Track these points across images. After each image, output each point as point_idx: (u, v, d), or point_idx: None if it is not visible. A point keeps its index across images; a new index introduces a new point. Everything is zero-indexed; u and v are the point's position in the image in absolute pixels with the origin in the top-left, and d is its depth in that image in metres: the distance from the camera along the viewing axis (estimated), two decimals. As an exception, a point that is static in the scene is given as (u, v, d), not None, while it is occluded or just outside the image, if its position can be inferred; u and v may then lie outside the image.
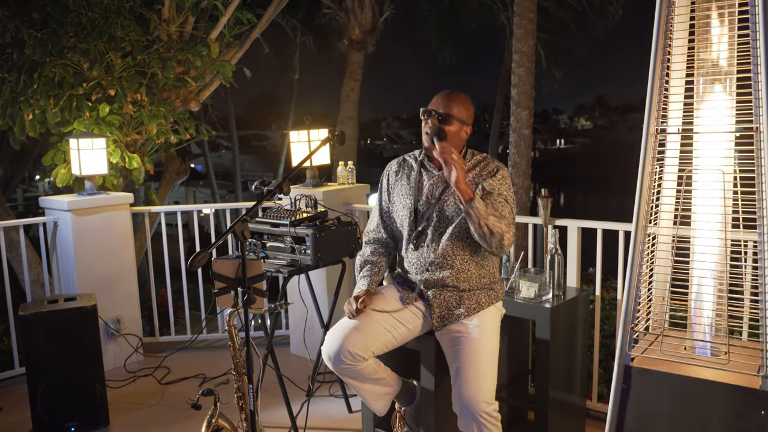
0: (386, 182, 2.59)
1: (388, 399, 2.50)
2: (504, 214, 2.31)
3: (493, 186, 2.36)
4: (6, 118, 4.56)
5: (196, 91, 5.26)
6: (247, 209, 3.05)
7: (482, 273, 2.43)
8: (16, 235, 5.19)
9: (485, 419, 2.17)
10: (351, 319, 2.37)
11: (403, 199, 2.50)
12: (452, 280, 2.40)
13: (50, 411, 3.12)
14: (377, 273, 2.51)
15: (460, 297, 2.39)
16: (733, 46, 2.06)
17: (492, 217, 2.25)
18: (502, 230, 2.27)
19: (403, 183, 2.52)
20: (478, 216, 2.23)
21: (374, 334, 2.34)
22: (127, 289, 4.15)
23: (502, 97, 13.68)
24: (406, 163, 2.56)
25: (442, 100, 2.39)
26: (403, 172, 2.54)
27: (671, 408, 2.12)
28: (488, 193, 2.35)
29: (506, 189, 2.38)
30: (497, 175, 2.39)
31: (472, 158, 2.45)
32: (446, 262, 2.39)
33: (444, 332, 2.38)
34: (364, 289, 2.44)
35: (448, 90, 2.42)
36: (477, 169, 2.42)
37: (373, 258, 2.55)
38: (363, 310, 2.36)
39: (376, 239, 2.61)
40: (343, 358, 2.29)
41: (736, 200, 2.05)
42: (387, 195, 2.58)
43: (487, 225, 2.24)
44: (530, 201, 7.79)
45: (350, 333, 2.32)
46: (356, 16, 9.41)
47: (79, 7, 4.52)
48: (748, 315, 2.16)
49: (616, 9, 12.72)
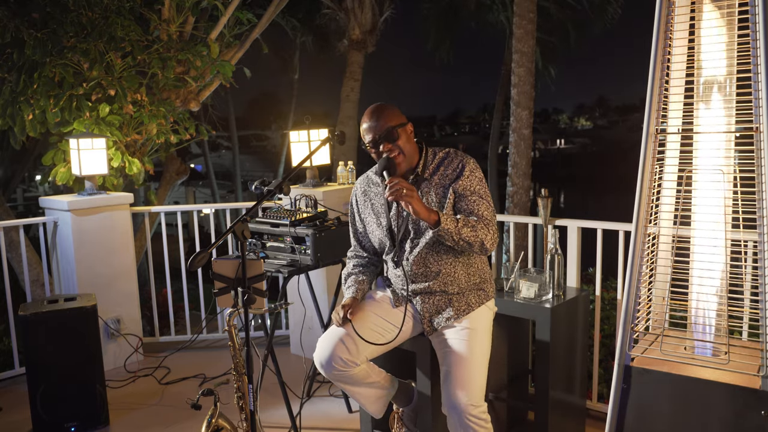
0: (355, 204, 2.54)
1: (384, 402, 2.50)
2: (481, 213, 2.26)
3: (464, 186, 2.29)
4: (6, 118, 4.56)
5: (196, 91, 5.26)
6: (247, 209, 3.05)
7: (470, 272, 2.39)
8: (16, 235, 5.19)
9: (473, 422, 2.18)
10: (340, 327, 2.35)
11: (375, 218, 2.46)
12: (439, 286, 2.36)
13: (50, 411, 3.12)
14: (363, 282, 2.49)
15: (449, 300, 2.36)
16: (733, 46, 2.06)
17: (465, 229, 2.19)
18: (480, 237, 2.21)
19: (372, 202, 2.47)
20: (450, 235, 2.18)
21: (365, 339, 2.32)
22: (127, 289, 4.15)
23: (502, 97, 13.68)
24: (371, 181, 2.49)
25: (375, 122, 2.28)
26: (370, 191, 2.48)
27: (671, 408, 2.12)
28: (460, 196, 2.29)
29: (477, 184, 2.31)
30: (464, 173, 2.30)
31: (434, 158, 2.37)
32: (429, 270, 2.35)
33: (435, 335, 2.38)
34: (351, 296, 2.43)
35: (368, 109, 2.33)
36: (441, 169, 2.35)
37: (355, 271, 2.53)
38: (349, 319, 2.32)
39: (357, 256, 2.59)
40: (334, 364, 2.29)
41: (736, 200, 2.05)
42: (358, 217, 2.54)
43: (462, 239, 2.20)
44: (530, 201, 7.78)
45: (341, 339, 2.30)
46: (356, 16, 9.41)
47: (79, 7, 4.52)
48: (748, 315, 2.16)
49: (616, 8, 12.71)
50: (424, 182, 2.34)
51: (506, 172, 7.79)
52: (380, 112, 2.30)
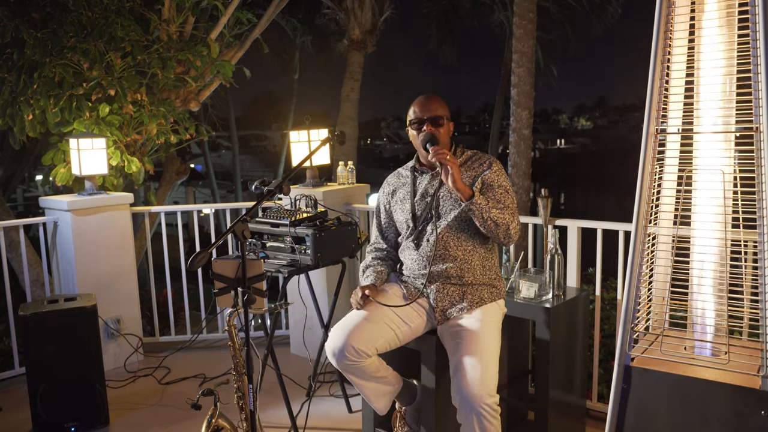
0: (383, 196, 2.66)
1: (390, 398, 2.51)
2: (507, 204, 2.37)
3: (492, 178, 2.42)
4: (6, 118, 4.56)
5: (196, 91, 5.26)
6: (247, 209, 3.05)
7: (486, 266, 2.47)
8: (16, 235, 5.19)
9: (485, 411, 2.15)
10: (357, 311, 2.40)
11: (401, 204, 2.56)
12: (456, 271, 2.42)
13: (50, 411, 3.12)
14: (381, 273, 2.57)
15: (463, 292, 2.42)
16: (733, 46, 2.06)
17: (495, 210, 2.31)
18: (507, 220, 2.32)
19: (400, 191, 2.59)
20: (481, 211, 2.29)
21: (378, 332, 2.35)
22: (127, 289, 4.15)
23: (502, 97, 13.69)
24: (401, 176, 2.63)
25: (426, 106, 2.46)
26: (400, 186, 2.60)
27: (671, 408, 2.12)
28: (488, 185, 2.41)
29: (504, 180, 2.45)
30: (493, 167, 2.45)
31: (462, 154, 2.52)
32: (448, 253, 2.42)
33: (446, 326, 2.40)
34: (370, 282, 2.50)
35: (422, 95, 2.51)
36: (469, 162, 2.49)
37: (374, 263, 2.62)
38: (368, 299, 2.41)
39: (377, 248, 2.68)
40: (347, 353, 2.30)
41: (736, 200, 2.04)
42: (383, 208, 2.65)
43: (491, 218, 2.30)
44: (530, 201, 7.78)
45: (355, 329, 2.33)
46: (356, 16, 9.42)
47: (79, 7, 4.52)
48: (748, 315, 2.16)
49: (615, 8, 12.73)
50: None
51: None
52: (436, 99, 2.49)
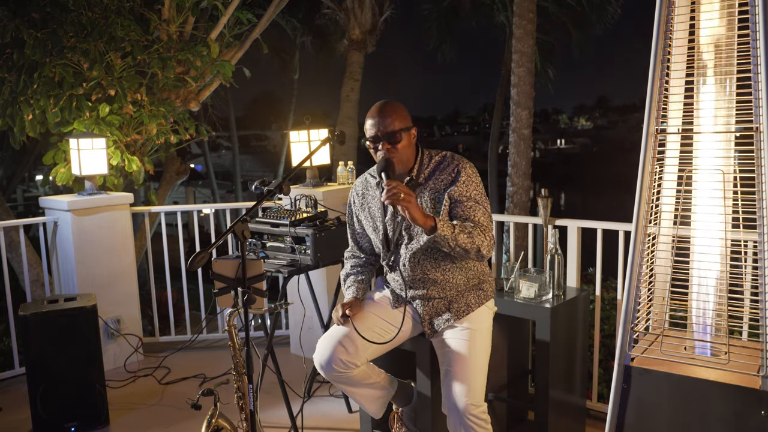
0: (352, 205, 2.52)
1: (383, 402, 2.50)
2: (477, 220, 2.22)
3: (459, 192, 2.25)
4: (6, 118, 4.56)
5: (196, 91, 5.26)
6: (247, 209, 3.05)
7: (469, 276, 2.37)
8: (16, 235, 5.19)
9: (472, 422, 2.18)
10: (341, 327, 2.35)
11: (371, 222, 2.44)
12: (438, 292, 2.35)
13: (50, 411, 3.12)
14: (362, 282, 2.50)
15: (449, 303, 2.36)
16: (733, 46, 2.06)
17: (462, 235, 2.15)
18: (477, 243, 2.17)
19: (369, 205, 2.44)
20: (447, 241, 2.14)
21: (366, 342, 2.32)
22: (127, 289, 4.15)
23: (502, 97, 13.68)
24: (369, 184, 2.45)
25: (381, 120, 2.23)
26: (368, 193, 2.45)
27: (671, 408, 2.12)
28: (456, 201, 2.25)
29: (473, 189, 2.26)
30: (461, 178, 2.25)
31: (429, 162, 2.33)
32: (427, 277, 2.33)
33: (435, 336, 2.38)
34: (352, 297, 2.44)
35: (377, 105, 2.28)
36: (436, 173, 2.30)
37: (353, 271, 2.53)
38: (349, 316, 2.33)
39: (354, 256, 2.59)
40: (334, 366, 2.29)
41: (736, 200, 2.05)
42: (355, 218, 2.52)
43: (458, 245, 2.15)
44: (530, 201, 7.78)
45: (341, 341, 2.30)
46: (356, 16, 9.41)
47: (79, 7, 4.52)
48: (748, 315, 2.16)
49: (615, 8, 12.72)
50: (418, 186, 2.30)
51: (506, 172, 7.80)
52: (389, 111, 2.25)
